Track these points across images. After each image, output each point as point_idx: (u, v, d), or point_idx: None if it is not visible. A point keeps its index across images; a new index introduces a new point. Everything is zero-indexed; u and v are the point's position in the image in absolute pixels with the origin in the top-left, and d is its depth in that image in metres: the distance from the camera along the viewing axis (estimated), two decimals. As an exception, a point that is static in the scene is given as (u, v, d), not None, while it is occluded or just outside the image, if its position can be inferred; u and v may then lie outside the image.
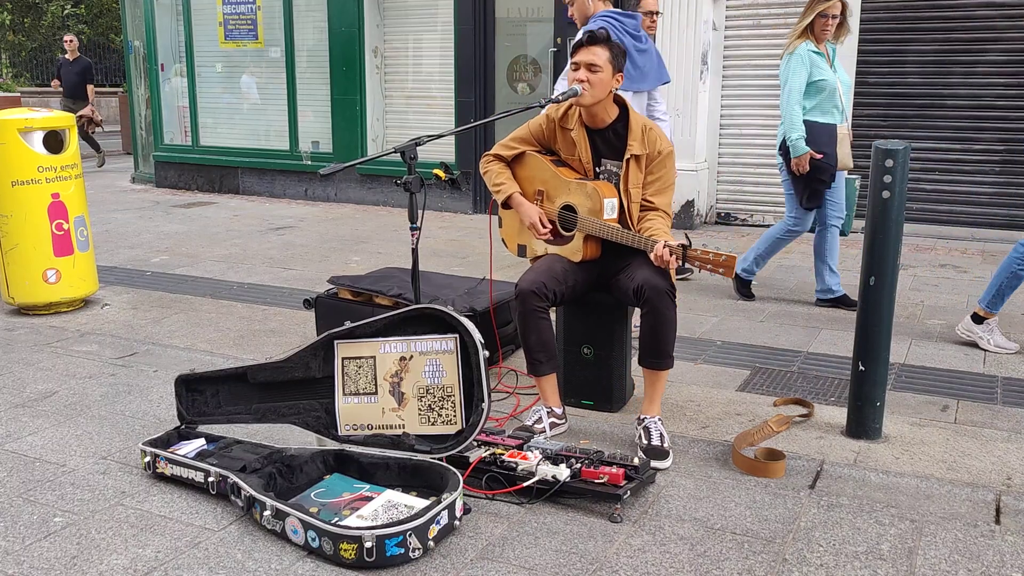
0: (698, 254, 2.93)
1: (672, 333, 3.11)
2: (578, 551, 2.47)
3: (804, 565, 2.40)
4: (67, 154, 4.88)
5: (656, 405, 3.19)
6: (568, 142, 3.32)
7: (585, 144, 3.28)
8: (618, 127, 3.26)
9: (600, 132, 3.28)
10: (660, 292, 3.04)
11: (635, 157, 3.19)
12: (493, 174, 3.46)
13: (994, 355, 4.16)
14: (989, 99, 6.89)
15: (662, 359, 3.13)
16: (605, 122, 3.26)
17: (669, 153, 3.24)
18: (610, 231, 3.15)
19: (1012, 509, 2.71)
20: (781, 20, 7.31)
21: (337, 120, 9.13)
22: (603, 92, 3.17)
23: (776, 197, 7.58)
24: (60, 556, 2.44)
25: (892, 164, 3.00)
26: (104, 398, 3.65)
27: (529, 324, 3.18)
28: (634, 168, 3.20)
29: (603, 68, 3.12)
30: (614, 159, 3.26)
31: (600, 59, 3.12)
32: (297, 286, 5.56)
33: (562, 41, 7.81)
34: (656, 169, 3.22)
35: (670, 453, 3.04)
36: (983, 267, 6.10)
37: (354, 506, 2.57)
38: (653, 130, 3.23)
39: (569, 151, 3.33)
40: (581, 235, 3.26)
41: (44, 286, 4.82)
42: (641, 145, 3.19)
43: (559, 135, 3.35)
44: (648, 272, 3.08)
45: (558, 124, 3.34)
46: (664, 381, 3.20)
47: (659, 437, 3.08)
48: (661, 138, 3.23)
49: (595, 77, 3.13)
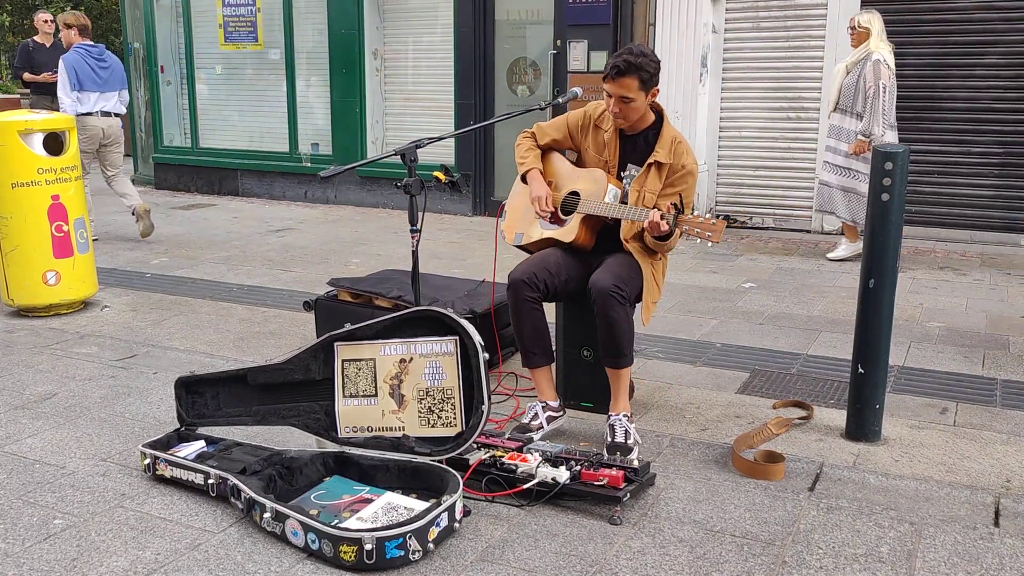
0: (688, 218, 3.02)
1: (623, 333, 3.12)
2: (578, 553, 2.47)
3: (803, 567, 2.40)
4: (67, 156, 4.88)
5: (621, 402, 3.20)
6: (599, 142, 3.35)
7: (615, 147, 3.31)
8: (650, 134, 3.29)
9: (632, 138, 3.31)
10: (605, 294, 3.06)
11: (657, 164, 3.22)
12: (524, 148, 3.51)
13: (992, 357, 4.16)
14: (987, 101, 6.90)
15: (617, 358, 3.16)
16: (639, 128, 3.28)
17: (692, 171, 3.26)
18: (606, 208, 3.21)
19: (1011, 512, 2.71)
20: (780, 23, 7.32)
21: (337, 122, 9.13)
22: (637, 115, 3.22)
23: (775, 199, 7.59)
24: (60, 558, 2.44)
25: (891, 167, 3.00)
26: (104, 400, 3.65)
27: (522, 314, 3.19)
28: (654, 174, 3.22)
29: (635, 98, 3.14)
30: (639, 165, 3.28)
31: (631, 91, 3.12)
32: (297, 288, 5.56)
33: (562, 43, 7.81)
34: (677, 183, 3.25)
35: (634, 448, 3.06)
36: (982, 270, 6.11)
37: (354, 508, 2.57)
38: (682, 144, 3.26)
39: (598, 150, 3.36)
40: (579, 217, 3.30)
41: (44, 288, 4.82)
42: (667, 155, 3.22)
43: (592, 133, 3.38)
44: (600, 273, 3.13)
45: (594, 122, 3.37)
46: (625, 379, 3.21)
47: (623, 434, 3.10)
48: (688, 153, 3.26)
49: (628, 108, 3.16)
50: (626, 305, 3.10)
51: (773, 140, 7.46)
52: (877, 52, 5.95)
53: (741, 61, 7.58)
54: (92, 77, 6.81)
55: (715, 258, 6.38)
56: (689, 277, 5.84)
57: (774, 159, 7.55)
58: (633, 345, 3.20)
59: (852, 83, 6.04)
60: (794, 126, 7.38)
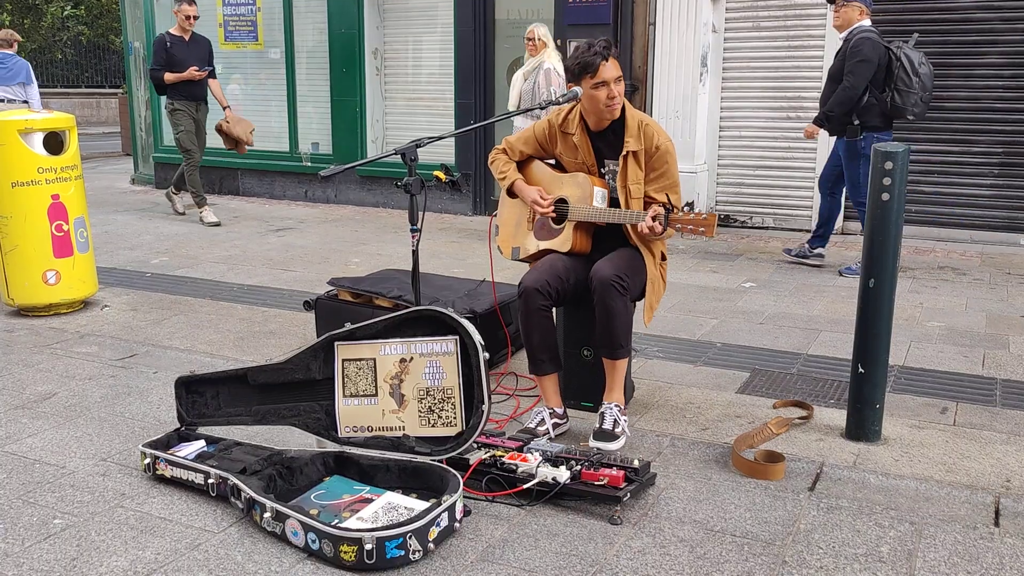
0: (680, 216, 3.05)
1: (621, 324, 3.13)
2: (578, 553, 2.47)
3: (804, 567, 2.40)
4: (67, 155, 4.88)
5: (615, 393, 3.22)
6: (570, 146, 3.33)
7: (588, 147, 3.30)
8: (616, 126, 3.27)
9: (601, 134, 3.30)
10: (606, 283, 3.08)
11: (632, 153, 3.21)
12: (500, 163, 3.52)
13: (992, 357, 4.16)
14: (988, 101, 6.90)
15: (613, 349, 3.17)
16: (605, 123, 3.28)
17: (668, 149, 3.25)
18: (598, 213, 3.22)
19: (1011, 511, 2.71)
20: (780, 22, 7.32)
21: (337, 122, 9.13)
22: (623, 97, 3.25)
23: (775, 198, 7.59)
24: (60, 558, 2.44)
25: (891, 166, 3.00)
26: (104, 400, 3.65)
27: (533, 323, 3.20)
28: (632, 164, 3.21)
29: (622, 78, 3.18)
30: (615, 159, 3.27)
31: (620, 69, 3.17)
32: (297, 288, 5.56)
33: (562, 43, 7.80)
34: (657, 165, 3.24)
35: (619, 437, 3.10)
36: (982, 269, 6.11)
37: (354, 508, 2.57)
38: (650, 125, 3.25)
39: (572, 155, 3.34)
40: (571, 225, 3.30)
41: (44, 287, 4.82)
42: (637, 141, 3.21)
43: (560, 140, 3.36)
44: (602, 263, 3.15)
45: (559, 129, 3.35)
46: (620, 371, 3.22)
47: (612, 423, 3.13)
48: (659, 133, 3.24)
49: (620, 87, 3.18)
50: (626, 296, 3.11)
51: (773, 139, 7.46)
52: (548, 61, 6.55)
53: (741, 61, 7.58)
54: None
55: (715, 258, 6.38)
56: (689, 276, 5.84)
57: (774, 158, 7.55)
58: (631, 338, 3.21)
59: (530, 88, 6.56)
60: (794, 125, 7.38)
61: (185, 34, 7.89)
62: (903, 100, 5.53)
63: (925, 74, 5.54)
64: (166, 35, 7.86)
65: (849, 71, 5.56)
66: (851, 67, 5.55)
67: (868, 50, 5.51)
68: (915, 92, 5.52)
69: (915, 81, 5.50)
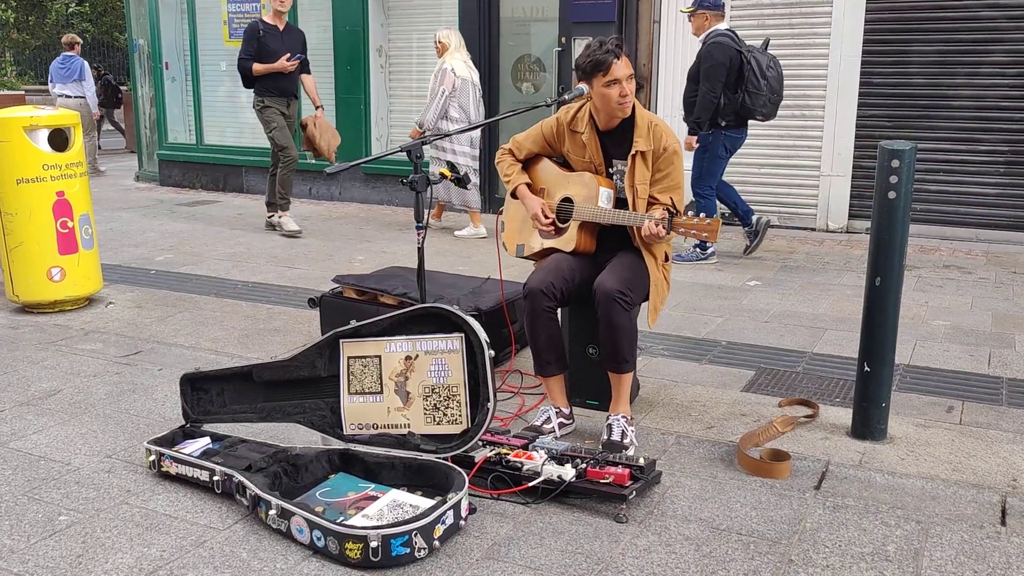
0: (683, 221, 3.04)
1: (625, 338, 3.10)
2: (584, 551, 2.47)
3: (810, 566, 2.40)
4: (72, 152, 4.88)
5: (621, 405, 3.20)
6: (578, 144, 3.32)
7: (596, 146, 3.29)
8: (626, 125, 3.26)
9: (609, 133, 3.29)
10: (609, 299, 3.05)
11: (641, 153, 3.19)
12: (505, 165, 3.51)
13: (998, 356, 4.15)
14: (993, 100, 6.88)
15: (618, 363, 3.15)
16: (615, 122, 3.27)
17: (676, 151, 3.24)
18: (602, 214, 3.21)
19: (1018, 510, 2.70)
20: (785, 20, 7.30)
21: (341, 119, 9.12)
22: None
23: (780, 197, 7.57)
24: (65, 555, 2.44)
25: (898, 165, 2.99)
26: (109, 396, 3.66)
27: (538, 324, 3.19)
28: (640, 164, 3.20)
29: (633, 76, 3.18)
30: (623, 158, 3.26)
31: (631, 68, 3.17)
32: (301, 285, 5.56)
33: (567, 41, 7.80)
34: (663, 166, 3.22)
35: (629, 448, 3.07)
36: (987, 268, 6.09)
37: (359, 505, 2.57)
38: (659, 126, 3.23)
39: (579, 153, 3.33)
40: (576, 225, 3.29)
41: (48, 284, 4.82)
42: (647, 141, 3.20)
43: (568, 138, 3.35)
44: (605, 276, 3.12)
45: (567, 127, 3.34)
46: (626, 383, 3.20)
47: (620, 434, 3.10)
48: (667, 134, 3.23)
49: (631, 86, 3.17)
50: (629, 311, 3.09)
51: (778, 138, 7.44)
52: (448, 62, 6.92)
53: (746, 59, 7.56)
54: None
55: (720, 256, 6.37)
56: (694, 275, 5.83)
57: (779, 157, 7.53)
58: (635, 351, 3.19)
59: (432, 87, 6.98)
60: (799, 124, 7.36)
61: (280, 22, 7.09)
62: (752, 101, 5.92)
63: (773, 77, 5.92)
64: (259, 22, 7.06)
65: (704, 76, 5.91)
66: (705, 72, 5.90)
67: (718, 54, 5.85)
68: (763, 94, 5.90)
69: (763, 84, 5.88)
